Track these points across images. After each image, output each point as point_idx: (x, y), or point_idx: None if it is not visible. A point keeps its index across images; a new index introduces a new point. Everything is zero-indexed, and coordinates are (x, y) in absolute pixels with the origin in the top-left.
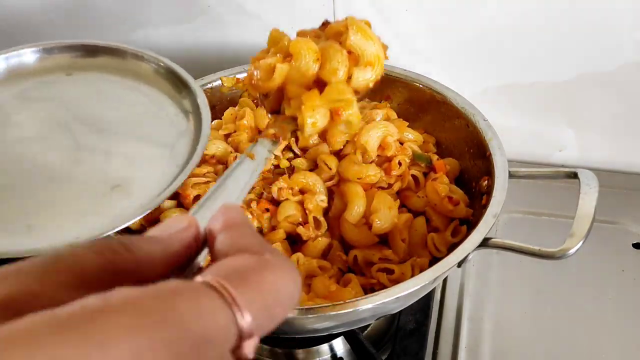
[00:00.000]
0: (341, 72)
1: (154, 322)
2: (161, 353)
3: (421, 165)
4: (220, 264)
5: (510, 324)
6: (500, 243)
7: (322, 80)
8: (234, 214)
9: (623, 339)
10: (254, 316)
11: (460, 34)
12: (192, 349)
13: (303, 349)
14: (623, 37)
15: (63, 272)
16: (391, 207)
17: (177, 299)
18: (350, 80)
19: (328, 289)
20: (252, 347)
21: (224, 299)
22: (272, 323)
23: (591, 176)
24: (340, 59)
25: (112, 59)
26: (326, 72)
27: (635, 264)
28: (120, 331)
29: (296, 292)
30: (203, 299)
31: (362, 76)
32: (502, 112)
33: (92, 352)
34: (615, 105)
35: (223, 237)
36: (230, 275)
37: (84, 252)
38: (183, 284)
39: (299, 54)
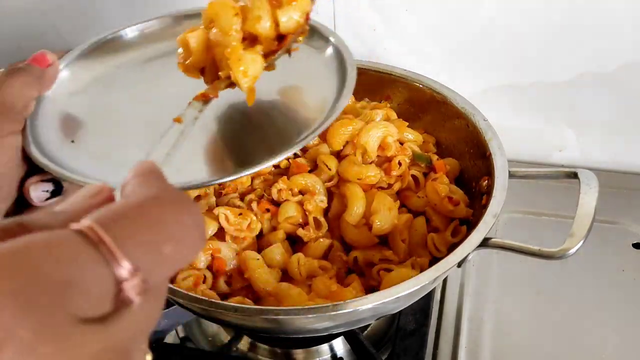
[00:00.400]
0: (265, 20)
1: (3, 273)
2: (9, 302)
3: (421, 166)
4: (102, 209)
5: (510, 324)
6: (500, 243)
7: (253, 35)
8: (145, 165)
9: (623, 339)
10: (134, 256)
11: (460, 34)
12: (50, 297)
13: (303, 349)
14: (623, 37)
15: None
16: (391, 208)
17: (33, 249)
18: (279, 27)
19: (329, 288)
20: (134, 288)
21: (94, 244)
22: (165, 261)
23: (591, 176)
24: (260, 5)
25: None
26: (250, 23)
27: (635, 264)
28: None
29: (194, 227)
30: (66, 246)
31: (288, 16)
32: (502, 112)
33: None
34: (615, 105)
35: (127, 188)
36: (107, 218)
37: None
38: (48, 233)
39: (217, 14)
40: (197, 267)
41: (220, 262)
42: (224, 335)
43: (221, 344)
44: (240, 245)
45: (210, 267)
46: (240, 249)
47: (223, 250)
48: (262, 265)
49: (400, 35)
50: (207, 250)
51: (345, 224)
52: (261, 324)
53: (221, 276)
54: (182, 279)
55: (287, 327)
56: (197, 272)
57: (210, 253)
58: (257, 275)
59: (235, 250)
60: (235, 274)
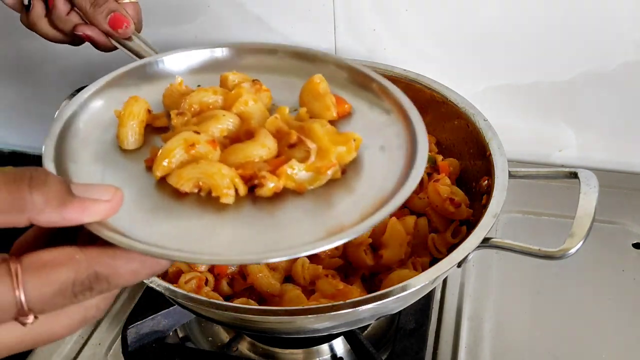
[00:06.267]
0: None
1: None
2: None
3: (426, 166)
4: (41, 252)
5: (510, 324)
6: (500, 243)
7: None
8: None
9: (623, 339)
10: (30, 299)
11: (460, 34)
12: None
13: (303, 349)
14: (623, 37)
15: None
16: (402, 244)
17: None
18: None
19: (335, 287)
20: (27, 320)
21: (11, 281)
22: (51, 307)
23: (591, 176)
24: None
25: (301, 63)
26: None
27: (635, 264)
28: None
29: (72, 284)
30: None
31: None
32: (502, 112)
33: None
34: (615, 105)
35: None
36: (33, 263)
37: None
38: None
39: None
40: (199, 270)
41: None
42: (224, 335)
43: (221, 344)
44: None
45: (212, 270)
46: None
47: None
48: (263, 269)
49: (400, 36)
50: None
51: (354, 249)
52: (261, 324)
53: (223, 278)
54: (185, 281)
55: (287, 327)
56: (200, 275)
57: None
58: (260, 281)
59: None
60: (237, 276)
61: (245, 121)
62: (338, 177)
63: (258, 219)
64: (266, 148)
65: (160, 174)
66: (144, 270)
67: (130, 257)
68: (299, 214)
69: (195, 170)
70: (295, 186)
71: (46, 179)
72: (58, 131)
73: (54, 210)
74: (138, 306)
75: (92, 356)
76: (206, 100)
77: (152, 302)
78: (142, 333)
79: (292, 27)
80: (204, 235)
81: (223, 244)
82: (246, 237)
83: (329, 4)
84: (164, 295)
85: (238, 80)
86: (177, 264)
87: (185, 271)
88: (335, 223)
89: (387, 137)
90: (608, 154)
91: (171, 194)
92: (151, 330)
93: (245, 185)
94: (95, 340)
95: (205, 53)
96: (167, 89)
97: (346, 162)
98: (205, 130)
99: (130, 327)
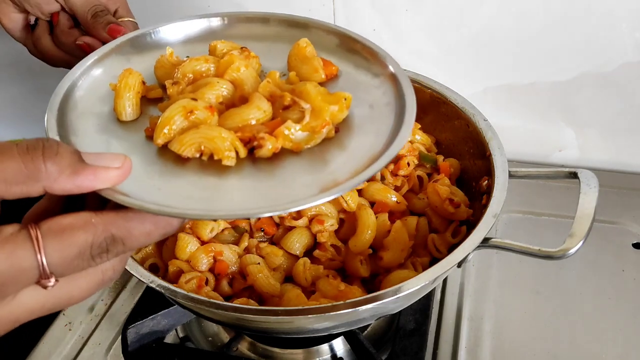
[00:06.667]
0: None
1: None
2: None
3: (427, 166)
4: (59, 218)
5: (510, 324)
6: (500, 243)
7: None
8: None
9: (623, 339)
10: (51, 262)
11: (460, 33)
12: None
13: (303, 349)
14: (623, 37)
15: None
16: (404, 249)
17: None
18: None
19: (337, 288)
20: (49, 283)
21: (33, 246)
22: (71, 269)
23: (591, 176)
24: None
25: (290, 30)
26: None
27: (635, 264)
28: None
29: (90, 246)
30: (10, 243)
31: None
32: (502, 112)
33: None
34: (615, 105)
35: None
36: (52, 228)
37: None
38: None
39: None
40: (199, 270)
41: (222, 264)
42: (224, 335)
43: (221, 344)
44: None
45: (212, 270)
46: (241, 251)
47: (225, 253)
48: (263, 270)
49: (400, 36)
50: (209, 252)
51: (351, 257)
52: (261, 324)
53: (223, 278)
54: (185, 281)
55: (287, 327)
56: (200, 275)
57: (212, 256)
58: (259, 281)
59: (238, 253)
60: (238, 275)
61: (238, 87)
62: (332, 135)
63: (259, 179)
64: (262, 111)
65: (162, 142)
66: (157, 230)
67: (143, 218)
68: (297, 171)
69: (196, 135)
70: (293, 146)
71: (58, 149)
72: (57, 105)
73: (68, 178)
74: (138, 306)
75: (92, 356)
76: (199, 69)
77: (152, 302)
78: (142, 333)
79: None
80: (210, 195)
81: (229, 202)
82: (250, 195)
83: (329, 4)
84: (164, 295)
85: (227, 48)
86: (177, 263)
87: (185, 271)
88: (330, 179)
89: (375, 95)
90: (608, 154)
91: (174, 160)
92: (151, 330)
93: (244, 148)
94: (95, 340)
95: (198, 23)
96: (158, 61)
97: (339, 120)
98: (201, 97)
99: (130, 327)
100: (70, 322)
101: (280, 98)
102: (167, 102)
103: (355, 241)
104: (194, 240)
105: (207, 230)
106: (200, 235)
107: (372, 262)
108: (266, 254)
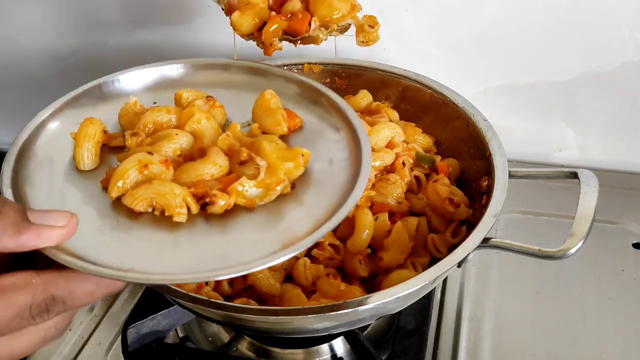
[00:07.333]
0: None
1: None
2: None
3: (424, 167)
4: (54, 275)
5: (510, 324)
6: (500, 243)
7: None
8: None
9: (623, 339)
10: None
11: (460, 34)
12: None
13: (303, 349)
14: (623, 37)
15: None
16: (404, 250)
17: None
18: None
19: (337, 288)
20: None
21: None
22: (9, 329)
23: (591, 176)
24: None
25: (254, 78)
26: None
27: (635, 264)
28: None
29: (29, 307)
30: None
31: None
32: (502, 112)
33: None
34: (615, 105)
35: None
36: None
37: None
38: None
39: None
40: None
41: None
42: (224, 335)
43: (221, 344)
44: None
45: None
46: None
47: None
48: (263, 270)
49: (400, 36)
50: None
51: (350, 256)
52: (261, 324)
53: None
54: None
55: (287, 327)
56: None
57: None
58: (260, 281)
59: None
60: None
61: (198, 139)
62: (288, 191)
63: (210, 236)
64: (217, 166)
65: (115, 195)
66: (100, 290)
67: (85, 279)
68: (250, 228)
69: (149, 190)
70: (246, 202)
71: (2, 208)
72: (14, 156)
73: (10, 237)
74: (138, 306)
75: (92, 356)
76: (160, 120)
77: (152, 302)
78: (142, 333)
79: None
80: (157, 255)
81: (175, 263)
82: (199, 255)
83: None
84: (164, 295)
85: (192, 97)
86: None
87: None
88: (287, 235)
89: (335, 150)
90: (608, 154)
91: (127, 213)
92: (151, 330)
93: (197, 204)
94: (95, 340)
95: (160, 70)
96: (122, 109)
97: (295, 177)
98: (158, 150)
99: (130, 327)
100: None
101: (237, 153)
102: (125, 154)
103: (353, 241)
104: None
105: None
106: None
107: (371, 262)
108: None
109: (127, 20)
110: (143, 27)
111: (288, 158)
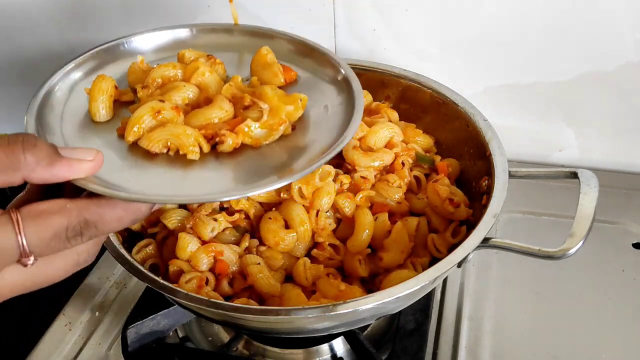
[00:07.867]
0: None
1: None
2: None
3: (424, 167)
4: (37, 204)
5: (510, 324)
6: (500, 243)
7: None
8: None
9: (623, 339)
10: (30, 242)
11: (460, 33)
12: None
13: (303, 349)
14: (623, 37)
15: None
16: (404, 251)
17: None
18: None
19: (337, 288)
20: (28, 262)
21: (14, 227)
22: (48, 250)
23: (591, 176)
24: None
25: (253, 39)
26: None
27: (635, 264)
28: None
29: (65, 229)
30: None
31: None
32: (502, 112)
33: None
34: (615, 105)
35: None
36: (31, 212)
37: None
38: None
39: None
40: (200, 270)
41: (223, 264)
42: (224, 335)
43: (221, 344)
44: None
45: (213, 269)
46: (242, 251)
47: (226, 253)
48: (263, 270)
49: (400, 36)
50: (210, 252)
51: (350, 256)
52: (261, 324)
53: (224, 278)
54: (185, 281)
55: (287, 327)
56: (200, 275)
57: (212, 255)
58: (260, 281)
59: (238, 253)
60: (238, 275)
61: (203, 90)
62: (289, 132)
63: (221, 171)
64: (224, 110)
65: (132, 139)
66: (128, 216)
67: (114, 205)
68: (256, 164)
69: (163, 132)
70: (252, 142)
71: (36, 142)
72: (36, 107)
73: (45, 168)
74: (138, 306)
75: (92, 356)
76: (167, 74)
77: (152, 302)
78: (142, 333)
79: (292, 28)
80: (176, 184)
81: (193, 189)
82: (213, 184)
83: (329, 4)
84: (164, 295)
85: (194, 56)
86: (177, 263)
87: (186, 271)
88: (287, 169)
89: (330, 97)
90: (608, 154)
91: (143, 155)
92: (151, 330)
93: (208, 143)
94: (95, 340)
95: (168, 33)
96: (130, 67)
97: (295, 119)
98: (168, 99)
99: (130, 327)
100: (70, 322)
101: (241, 99)
102: (138, 104)
103: (353, 241)
104: (195, 240)
105: (207, 230)
106: (201, 234)
107: (371, 262)
108: (266, 256)
109: (128, 19)
110: (144, 26)
111: (288, 102)
